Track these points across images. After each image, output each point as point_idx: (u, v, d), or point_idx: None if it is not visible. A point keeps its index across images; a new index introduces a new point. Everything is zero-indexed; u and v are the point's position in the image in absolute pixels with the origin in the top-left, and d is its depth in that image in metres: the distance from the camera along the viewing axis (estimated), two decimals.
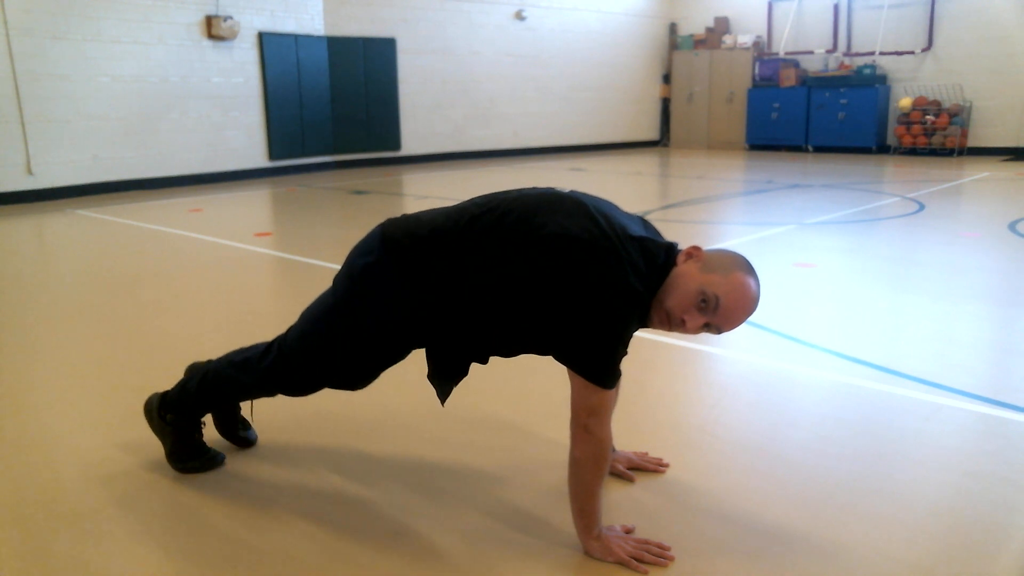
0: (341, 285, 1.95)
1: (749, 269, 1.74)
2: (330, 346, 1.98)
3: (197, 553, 1.86)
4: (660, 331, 1.88)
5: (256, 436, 2.44)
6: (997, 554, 1.82)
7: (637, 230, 1.78)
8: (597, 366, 1.70)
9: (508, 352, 1.92)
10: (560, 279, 1.68)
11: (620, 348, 1.71)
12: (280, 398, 2.22)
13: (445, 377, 1.94)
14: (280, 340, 2.08)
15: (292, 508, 2.06)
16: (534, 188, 1.89)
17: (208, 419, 2.38)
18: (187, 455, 2.26)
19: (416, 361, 2.57)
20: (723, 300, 1.69)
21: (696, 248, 1.77)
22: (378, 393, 2.40)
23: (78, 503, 2.10)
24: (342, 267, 1.98)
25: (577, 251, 1.67)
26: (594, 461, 1.76)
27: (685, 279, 1.72)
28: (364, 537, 1.92)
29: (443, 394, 1.98)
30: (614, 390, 1.78)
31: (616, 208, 1.85)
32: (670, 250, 1.79)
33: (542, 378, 2.81)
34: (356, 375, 2.04)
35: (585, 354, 1.70)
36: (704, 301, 1.70)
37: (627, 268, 1.67)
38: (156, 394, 2.29)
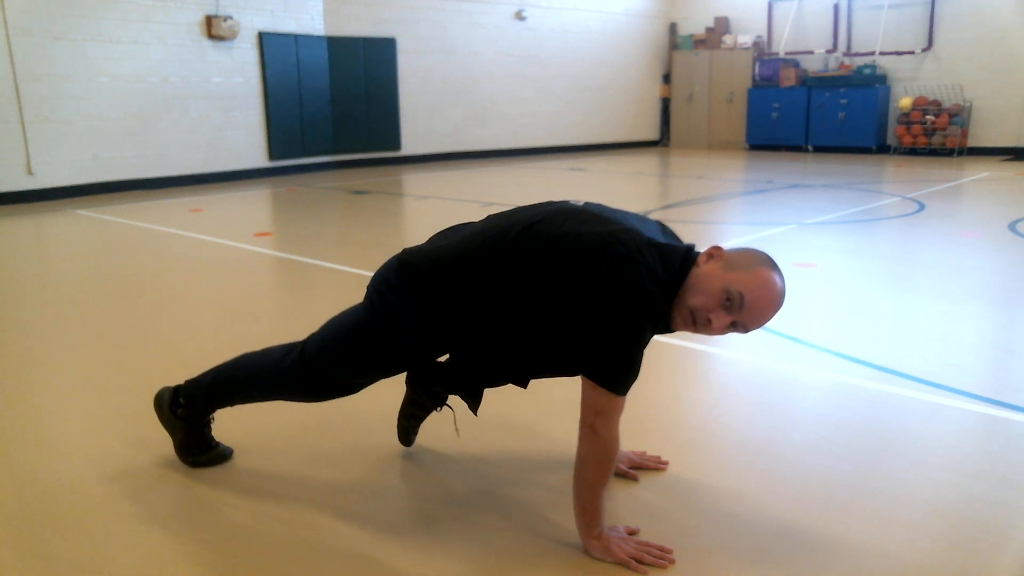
0: (364, 308, 1.96)
1: (772, 265, 1.73)
2: (349, 363, 1.99)
3: (197, 552, 1.86)
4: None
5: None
6: (997, 554, 1.82)
7: (654, 235, 1.77)
8: (610, 371, 1.70)
9: (536, 372, 1.92)
10: (575, 285, 1.69)
11: (636, 353, 1.70)
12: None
13: (472, 394, 1.96)
14: (303, 346, 2.06)
15: (297, 505, 2.06)
16: (549, 203, 1.90)
17: (216, 414, 2.37)
18: (196, 448, 2.27)
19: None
20: (748, 297, 1.67)
21: (717, 248, 1.76)
22: (383, 393, 2.40)
23: (79, 502, 2.10)
24: (367, 288, 1.99)
25: (592, 257, 1.68)
26: (598, 461, 1.76)
27: (708, 279, 1.71)
28: (368, 535, 1.92)
29: (474, 406, 2.01)
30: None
31: (631, 215, 1.86)
32: (688, 253, 1.78)
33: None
34: (364, 383, 2.05)
35: (598, 359, 1.70)
36: (729, 299, 1.68)
37: (642, 272, 1.67)
38: (167, 388, 2.29)
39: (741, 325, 1.72)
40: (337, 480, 2.22)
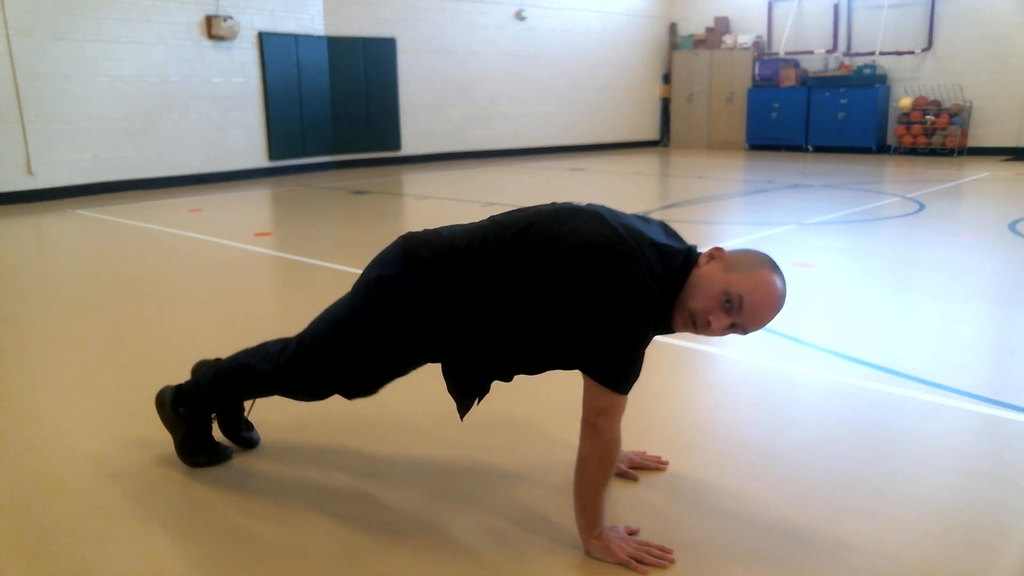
0: (361, 294, 1.94)
1: (773, 267, 1.73)
2: (345, 354, 1.97)
3: (197, 552, 1.86)
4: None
5: (259, 437, 2.44)
6: (997, 554, 1.82)
7: (656, 236, 1.77)
8: (612, 370, 1.70)
9: (531, 368, 1.91)
10: (577, 283, 1.69)
11: (637, 353, 1.71)
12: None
13: (464, 394, 1.94)
14: (298, 339, 2.05)
15: (297, 506, 2.06)
16: (552, 203, 1.90)
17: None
18: (196, 449, 2.27)
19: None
20: (747, 299, 1.67)
21: (718, 249, 1.76)
22: (383, 394, 2.40)
23: (79, 502, 2.10)
24: (361, 276, 1.97)
25: (594, 256, 1.68)
26: (600, 460, 1.76)
27: (708, 280, 1.71)
28: (368, 535, 1.92)
29: (463, 409, 1.98)
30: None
31: (635, 217, 1.85)
32: (689, 254, 1.78)
33: (550, 378, 2.80)
34: (365, 384, 2.04)
35: (600, 358, 1.70)
36: (728, 301, 1.68)
37: (644, 272, 1.67)
38: (169, 387, 2.29)
39: (740, 327, 1.72)
40: (335, 480, 2.22)
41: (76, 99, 8.94)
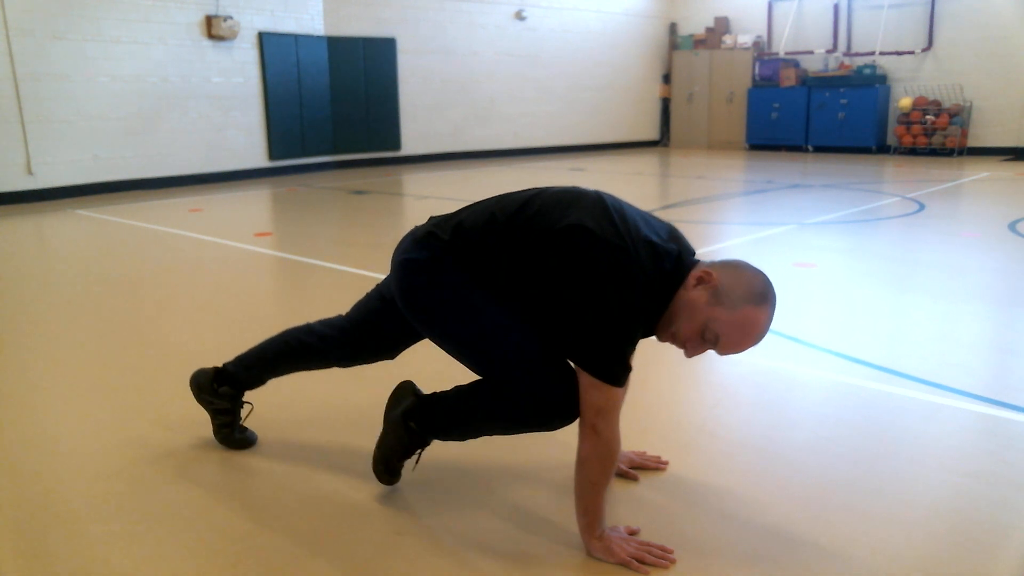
0: (417, 300, 1.90)
1: (762, 299, 1.71)
2: (502, 336, 1.84)
3: (197, 552, 1.86)
4: None
5: (256, 437, 2.44)
6: (997, 554, 1.82)
7: (651, 235, 1.77)
8: (602, 360, 1.70)
9: None
10: (570, 271, 1.70)
11: (627, 344, 1.71)
12: (279, 394, 2.21)
13: None
14: (498, 378, 1.89)
15: (297, 506, 2.06)
16: (558, 186, 1.90)
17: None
18: (399, 464, 2.10)
19: (413, 361, 2.58)
20: (724, 339, 1.71)
21: (707, 272, 1.74)
22: (381, 392, 2.40)
23: (80, 502, 2.10)
24: (396, 281, 1.93)
25: (587, 244, 1.69)
26: (600, 461, 1.76)
27: (692, 308, 1.73)
28: (367, 535, 1.92)
29: None
30: (622, 389, 1.77)
31: (638, 212, 1.85)
32: (681, 257, 1.79)
33: None
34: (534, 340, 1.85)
35: (590, 348, 1.70)
36: (705, 334, 1.73)
37: (633, 266, 1.68)
38: (410, 401, 2.04)
39: (717, 350, 1.77)
40: (334, 480, 2.22)
41: (76, 99, 8.94)
